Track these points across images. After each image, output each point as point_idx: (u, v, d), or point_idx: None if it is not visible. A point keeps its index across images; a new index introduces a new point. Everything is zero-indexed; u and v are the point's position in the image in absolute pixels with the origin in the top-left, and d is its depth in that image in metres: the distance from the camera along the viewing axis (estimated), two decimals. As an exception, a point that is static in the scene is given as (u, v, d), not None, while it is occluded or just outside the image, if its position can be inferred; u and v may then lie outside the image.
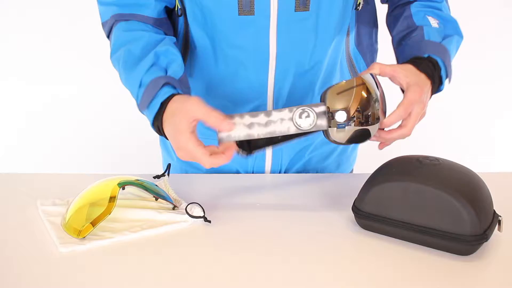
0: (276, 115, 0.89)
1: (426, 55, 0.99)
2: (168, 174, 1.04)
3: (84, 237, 0.84)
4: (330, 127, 0.88)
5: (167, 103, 0.92)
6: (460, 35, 1.06)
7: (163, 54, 0.98)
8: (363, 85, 0.88)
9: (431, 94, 0.99)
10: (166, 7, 1.06)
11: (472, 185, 0.84)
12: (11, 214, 0.94)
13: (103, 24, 1.07)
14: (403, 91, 0.97)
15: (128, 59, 0.99)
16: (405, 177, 0.85)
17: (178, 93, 0.94)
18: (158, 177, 1.05)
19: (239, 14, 0.98)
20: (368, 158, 1.35)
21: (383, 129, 0.94)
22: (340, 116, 0.88)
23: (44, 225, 0.89)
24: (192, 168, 1.20)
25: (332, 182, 1.09)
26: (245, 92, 1.07)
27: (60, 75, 2.27)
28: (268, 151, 1.14)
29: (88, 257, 0.81)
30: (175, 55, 0.99)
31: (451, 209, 0.81)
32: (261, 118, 0.89)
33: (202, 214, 0.91)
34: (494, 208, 0.87)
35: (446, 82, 1.02)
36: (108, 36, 1.08)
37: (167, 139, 0.93)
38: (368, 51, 1.16)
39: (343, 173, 1.24)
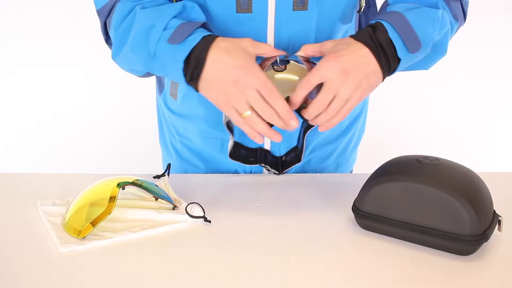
0: None
1: (373, 22, 0.91)
2: (168, 174, 1.04)
3: (84, 237, 0.84)
4: None
5: (213, 40, 0.86)
6: (436, 7, 0.95)
7: (188, 11, 0.92)
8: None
9: (383, 70, 0.88)
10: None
11: (472, 185, 0.84)
12: (11, 214, 0.94)
13: (100, 11, 1.00)
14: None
15: (149, 9, 0.90)
16: (405, 177, 0.85)
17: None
18: (158, 177, 1.05)
19: (237, 12, 0.98)
20: (368, 158, 1.35)
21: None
22: None
23: (44, 225, 0.89)
24: (191, 167, 1.21)
25: (332, 182, 1.09)
26: None
27: (60, 75, 2.27)
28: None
29: (88, 257, 0.81)
30: (200, 14, 0.93)
31: (451, 209, 0.81)
32: None
33: (202, 214, 0.91)
34: (494, 208, 0.87)
35: (404, 51, 0.89)
36: (105, 24, 1.01)
37: (198, 70, 0.86)
38: None
39: (343, 173, 1.24)
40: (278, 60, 0.94)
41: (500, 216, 0.86)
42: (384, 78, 0.91)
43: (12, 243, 0.85)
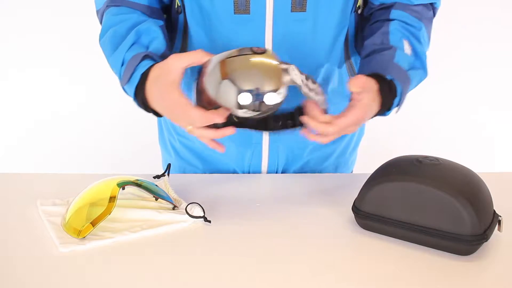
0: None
1: (389, 77, 0.97)
2: (168, 174, 1.04)
3: (84, 237, 0.84)
4: None
5: (148, 74, 0.92)
6: (425, 71, 1.04)
7: (145, 32, 0.99)
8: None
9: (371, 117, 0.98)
10: (162, 1, 1.08)
11: (472, 185, 0.84)
12: (11, 214, 0.94)
13: (97, 12, 1.09)
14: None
15: (113, 40, 1.00)
16: (405, 177, 0.85)
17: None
18: (158, 177, 1.05)
19: (234, 13, 0.98)
20: (368, 158, 1.35)
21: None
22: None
23: (44, 225, 0.89)
24: (190, 166, 1.21)
25: (332, 182, 1.09)
26: None
27: (60, 75, 2.27)
28: (265, 151, 1.14)
29: (88, 257, 0.81)
30: (157, 32, 0.99)
31: (451, 209, 0.81)
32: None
33: (202, 214, 0.91)
34: (494, 208, 0.87)
35: (393, 111, 1.01)
36: (101, 23, 1.10)
37: (154, 112, 0.94)
38: None
39: (342, 173, 1.24)
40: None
41: (500, 216, 0.86)
42: None
43: (12, 243, 0.85)
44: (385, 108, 0.97)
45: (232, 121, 0.91)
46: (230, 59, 0.86)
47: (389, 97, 0.96)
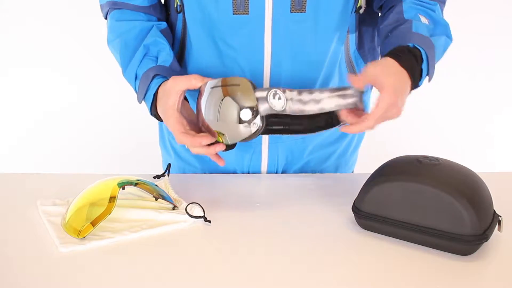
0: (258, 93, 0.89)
1: (411, 44, 0.94)
2: (168, 174, 1.04)
3: (84, 237, 0.84)
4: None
5: (157, 95, 0.99)
6: (449, 37, 1.02)
7: (152, 45, 1.04)
8: None
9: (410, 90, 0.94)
10: None
11: (472, 185, 0.84)
12: (11, 214, 0.94)
13: (101, 6, 1.12)
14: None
15: (125, 53, 1.05)
16: (405, 177, 0.85)
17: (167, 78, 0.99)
18: (158, 177, 1.05)
19: (233, 14, 0.98)
20: (368, 158, 1.35)
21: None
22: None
23: (44, 225, 0.89)
24: (190, 167, 1.21)
25: (332, 182, 1.09)
26: None
27: (60, 75, 2.27)
28: (264, 152, 1.14)
29: (88, 257, 0.81)
30: (163, 44, 1.04)
31: (451, 209, 0.81)
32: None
33: (202, 214, 0.91)
34: (494, 208, 0.87)
35: (426, 79, 0.97)
36: (105, 18, 1.13)
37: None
38: (370, 54, 1.15)
39: (343, 173, 1.24)
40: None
41: (500, 216, 0.86)
42: None
43: (12, 243, 0.85)
44: (417, 78, 0.94)
45: (266, 127, 0.94)
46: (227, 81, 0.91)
47: (416, 66, 0.93)
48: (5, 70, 2.26)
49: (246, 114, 0.87)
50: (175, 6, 1.06)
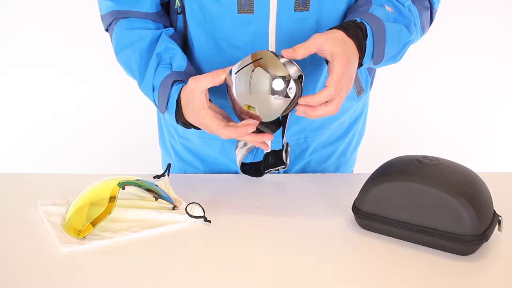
0: None
1: (358, 19, 0.94)
2: (168, 174, 1.04)
3: (84, 237, 0.84)
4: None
5: (180, 101, 0.96)
6: (409, 31, 1.00)
7: (164, 52, 1.01)
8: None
9: (358, 66, 0.94)
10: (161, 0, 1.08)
11: (472, 185, 0.84)
12: (11, 214, 0.94)
13: (102, 17, 1.09)
14: (327, 61, 0.91)
15: (140, 63, 1.02)
16: (405, 177, 0.85)
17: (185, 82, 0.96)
18: (158, 177, 1.05)
19: (238, 13, 0.98)
20: (368, 158, 1.35)
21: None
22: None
23: (44, 225, 0.89)
24: (191, 168, 1.20)
25: (332, 182, 1.09)
26: None
27: (60, 75, 2.27)
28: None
29: (88, 257, 0.81)
30: (175, 49, 1.02)
31: (451, 209, 0.81)
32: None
33: (202, 214, 0.91)
34: (494, 208, 0.87)
35: (368, 61, 0.96)
36: (106, 29, 1.10)
37: (199, 128, 0.97)
38: None
39: (343, 173, 1.24)
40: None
41: (500, 216, 0.86)
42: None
43: (12, 243, 0.85)
44: (363, 53, 0.94)
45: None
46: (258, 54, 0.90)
47: (363, 40, 0.93)
48: (5, 70, 2.26)
49: (279, 84, 0.86)
50: (175, 7, 1.06)
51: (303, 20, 0.99)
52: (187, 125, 0.99)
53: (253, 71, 0.87)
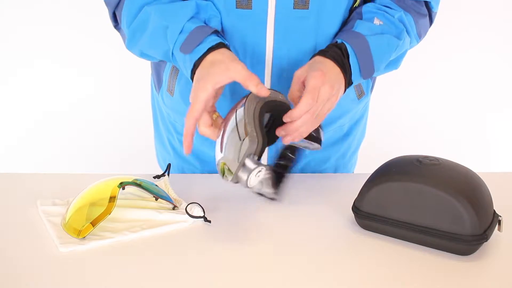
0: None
1: (339, 40, 0.95)
2: (168, 174, 1.04)
3: (84, 237, 0.84)
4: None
5: (212, 51, 0.91)
6: (399, 38, 1.01)
7: (203, 9, 0.97)
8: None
9: (346, 85, 0.94)
10: None
11: (472, 185, 0.84)
12: (11, 214, 0.94)
13: (107, 2, 1.04)
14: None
15: (162, 9, 0.95)
16: (405, 177, 0.85)
17: (226, 45, 0.92)
18: (158, 177, 1.05)
19: (236, 7, 0.98)
20: (368, 158, 1.35)
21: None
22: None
23: (44, 225, 0.89)
24: (188, 165, 1.20)
25: (332, 182, 1.09)
26: (241, 86, 1.05)
27: (60, 75, 2.27)
28: (264, 153, 1.13)
29: (88, 257, 0.81)
30: (215, 11, 0.98)
31: (451, 209, 0.81)
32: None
33: (202, 214, 0.91)
34: (494, 208, 0.87)
35: (357, 77, 0.96)
36: (113, 13, 1.04)
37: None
38: None
39: (343, 173, 1.24)
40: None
41: (500, 216, 0.86)
42: (344, 91, 0.96)
43: (12, 243, 0.85)
44: (348, 71, 0.94)
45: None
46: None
47: (344, 59, 0.94)
48: (5, 70, 2.26)
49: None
50: None
51: (302, 18, 0.99)
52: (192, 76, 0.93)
53: (243, 140, 0.85)
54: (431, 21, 1.10)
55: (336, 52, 0.94)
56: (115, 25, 1.08)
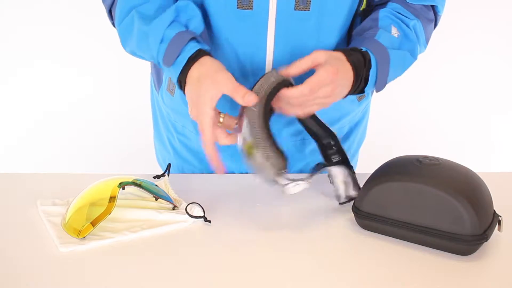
0: None
1: (364, 49, 0.95)
2: (168, 174, 1.04)
3: (84, 237, 0.84)
4: None
5: (194, 60, 0.91)
6: (413, 56, 1.02)
7: (183, 10, 0.96)
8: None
9: (349, 92, 0.95)
10: None
11: (472, 185, 0.84)
12: (11, 214, 0.94)
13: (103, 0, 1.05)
14: None
15: (145, 15, 0.95)
16: (405, 177, 0.85)
17: (204, 50, 0.92)
18: (158, 177, 1.05)
19: (237, 8, 0.97)
20: (368, 158, 1.35)
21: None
22: None
23: (44, 225, 0.89)
24: (188, 165, 1.20)
25: (332, 182, 1.09)
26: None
27: (60, 75, 2.27)
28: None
29: (88, 257, 0.81)
30: (195, 10, 0.97)
31: (451, 209, 0.81)
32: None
33: (202, 214, 0.91)
34: (494, 208, 0.87)
35: (370, 89, 0.98)
36: (109, 11, 1.05)
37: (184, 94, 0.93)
38: None
39: (343, 173, 1.23)
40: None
41: (500, 216, 0.86)
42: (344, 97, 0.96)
43: (12, 243, 0.85)
44: (361, 82, 0.95)
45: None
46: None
47: (363, 67, 0.94)
48: (5, 70, 2.26)
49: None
50: None
51: (304, 19, 0.99)
52: (181, 87, 0.93)
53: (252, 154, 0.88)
54: (435, 24, 1.10)
55: (359, 60, 0.94)
56: (112, 23, 1.08)
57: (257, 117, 0.88)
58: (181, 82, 0.93)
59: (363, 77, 0.95)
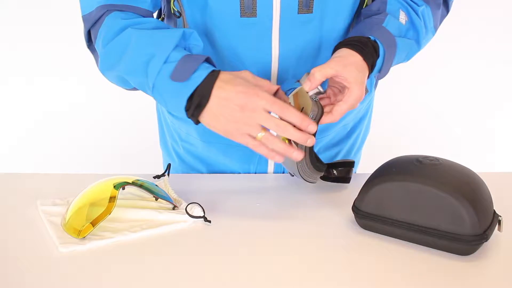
0: None
1: (372, 38, 0.95)
2: (168, 174, 1.04)
3: (84, 237, 0.84)
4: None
5: (217, 76, 0.85)
6: (418, 44, 1.02)
7: (187, 37, 0.92)
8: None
9: None
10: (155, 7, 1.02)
11: (472, 185, 0.84)
12: (11, 214, 0.94)
13: (85, 18, 0.97)
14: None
15: (150, 34, 0.89)
16: (405, 177, 0.85)
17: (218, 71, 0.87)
18: (158, 177, 1.05)
19: (241, 16, 0.97)
20: (368, 158, 1.35)
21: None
22: None
23: (44, 225, 0.89)
24: (192, 170, 1.20)
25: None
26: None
27: (60, 75, 2.27)
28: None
29: (88, 257, 0.81)
30: (199, 41, 0.93)
31: (451, 209, 0.81)
32: None
33: (202, 214, 0.91)
34: (494, 208, 0.87)
35: (374, 75, 0.99)
36: (89, 32, 0.98)
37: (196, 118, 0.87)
38: None
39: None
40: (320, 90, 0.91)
41: (500, 216, 0.86)
42: None
43: (12, 243, 0.85)
44: (371, 69, 0.95)
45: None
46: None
47: (374, 61, 0.95)
48: (5, 70, 2.26)
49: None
50: (172, 12, 1.03)
51: (307, 22, 0.98)
52: (203, 103, 0.85)
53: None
54: (447, 9, 1.10)
55: (372, 55, 0.94)
56: (88, 45, 1.02)
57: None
58: (200, 96, 0.85)
59: (373, 67, 0.96)
